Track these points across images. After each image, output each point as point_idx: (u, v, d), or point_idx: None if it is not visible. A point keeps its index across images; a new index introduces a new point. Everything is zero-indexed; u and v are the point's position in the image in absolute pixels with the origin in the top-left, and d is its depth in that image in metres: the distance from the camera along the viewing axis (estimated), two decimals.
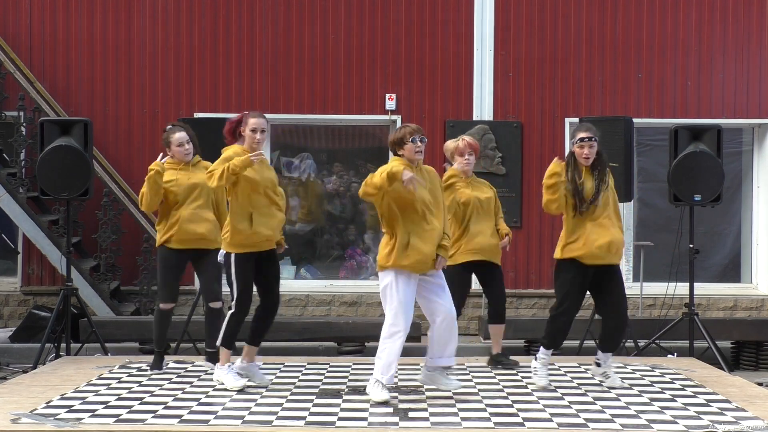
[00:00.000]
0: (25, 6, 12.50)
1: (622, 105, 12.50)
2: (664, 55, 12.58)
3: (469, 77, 12.52)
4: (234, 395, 7.26)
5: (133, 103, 12.53)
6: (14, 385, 7.77)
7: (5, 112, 12.05)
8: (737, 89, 12.65)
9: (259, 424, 6.33)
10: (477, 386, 7.69)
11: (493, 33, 12.53)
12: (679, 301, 10.99)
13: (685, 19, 12.62)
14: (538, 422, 6.41)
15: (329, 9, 12.53)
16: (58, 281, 11.93)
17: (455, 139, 8.71)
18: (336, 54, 12.52)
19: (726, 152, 10.29)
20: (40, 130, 9.74)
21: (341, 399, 7.13)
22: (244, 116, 7.60)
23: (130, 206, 12.06)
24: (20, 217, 11.74)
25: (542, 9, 12.54)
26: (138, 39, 12.52)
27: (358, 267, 13.01)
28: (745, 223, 13.02)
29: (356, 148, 13.28)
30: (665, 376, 8.20)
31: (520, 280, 12.45)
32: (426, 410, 6.73)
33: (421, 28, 12.53)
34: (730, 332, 11.19)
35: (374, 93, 12.54)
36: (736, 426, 6.27)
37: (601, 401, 7.08)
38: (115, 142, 12.50)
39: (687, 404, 6.99)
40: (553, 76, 12.54)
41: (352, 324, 11.20)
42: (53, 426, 6.19)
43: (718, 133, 9.99)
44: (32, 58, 12.44)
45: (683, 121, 11.66)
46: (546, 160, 12.45)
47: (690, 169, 9.84)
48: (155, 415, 6.56)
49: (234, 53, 12.52)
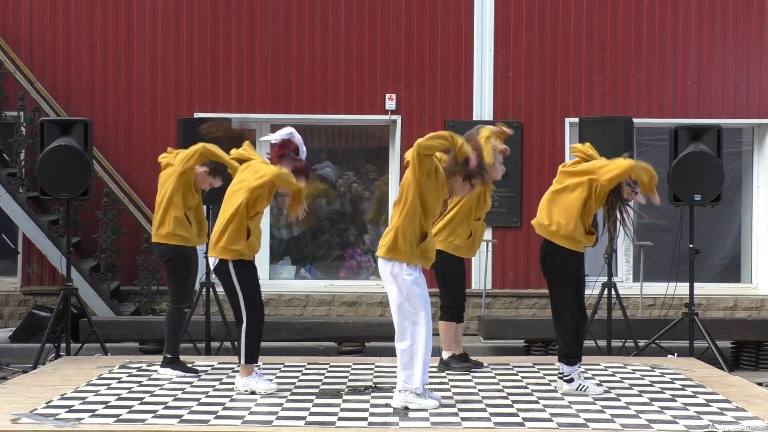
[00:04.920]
0: (25, 6, 12.50)
1: (622, 105, 12.50)
2: (664, 55, 12.58)
3: (469, 77, 12.52)
4: (234, 395, 7.26)
5: (133, 103, 12.53)
6: (14, 385, 7.77)
7: (5, 112, 12.05)
8: (737, 89, 12.65)
9: (259, 424, 6.33)
10: (477, 386, 7.69)
11: (493, 33, 12.53)
12: (679, 301, 10.99)
13: (685, 19, 12.62)
14: (538, 422, 6.41)
15: (329, 9, 12.53)
16: (58, 281, 11.92)
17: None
18: (336, 54, 12.52)
19: (726, 152, 10.29)
20: (40, 130, 9.74)
21: (341, 399, 7.13)
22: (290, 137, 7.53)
23: (130, 206, 12.07)
24: (20, 217, 11.74)
25: (542, 9, 12.54)
26: (138, 39, 12.53)
27: (358, 267, 13.01)
28: (745, 223, 13.02)
29: (356, 148, 13.28)
30: (665, 376, 8.20)
31: (520, 280, 12.45)
32: (426, 410, 6.72)
33: (421, 28, 12.54)
34: (730, 332, 11.18)
35: (374, 93, 12.54)
36: (736, 426, 6.27)
37: (601, 401, 7.08)
38: (115, 142, 12.50)
39: (687, 404, 6.99)
40: (553, 76, 12.54)
41: (352, 324, 11.20)
42: (53, 426, 6.19)
43: (718, 133, 9.99)
44: (32, 58, 12.44)
45: (683, 121, 11.66)
46: (546, 160, 12.53)
47: (690, 169, 9.84)
48: (155, 415, 6.56)
49: (234, 53, 12.52)
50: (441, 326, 8.32)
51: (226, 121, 8.48)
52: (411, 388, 6.69)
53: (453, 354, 8.33)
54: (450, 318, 8.28)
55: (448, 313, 8.27)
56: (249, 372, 7.38)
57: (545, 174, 12.43)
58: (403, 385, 6.71)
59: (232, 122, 8.82)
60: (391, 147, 12.70)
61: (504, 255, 12.44)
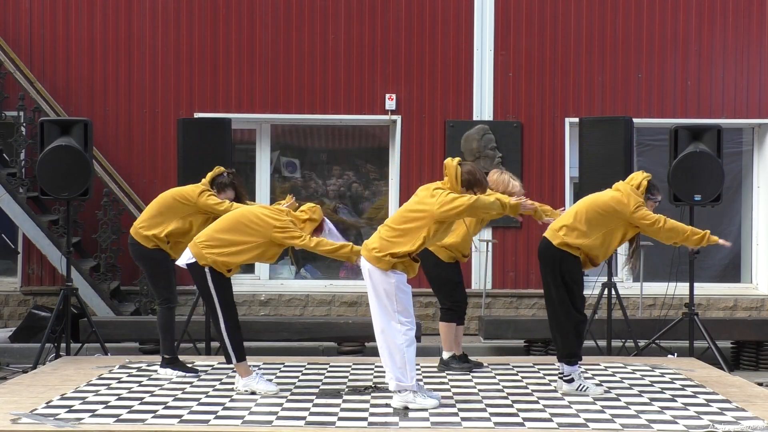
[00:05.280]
0: (25, 6, 12.50)
1: (622, 105, 12.50)
2: (664, 55, 12.58)
3: (469, 77, 12.52)
4: (234, 395, 7.26)
5: (133, 103, 12.53)
6: (14, 385, 7.77)
7: (5, 112, 12.05)
8: (737, 89, 12.65)
9: (259, 424, 6.33)
10: (477, 386, 7.69)
11: (493, 33, 12.53)
12: (679, 301, 10.98)
13: (685, 19, 12.62)
14: (538, 422, 6.41)
15: (329, 9, 12.53)
16: (58, 281, 11.92)
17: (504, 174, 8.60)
18: (336, 54, 12.52)
19: (726, 152, 10.28)
20: (40, 130, 9.74)
21: (341, 399, 7.13)
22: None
23: (130, 206, 12.06)
24: (20, 217, 11.74)
25: (542, 9, 12.54)
26: (138, 38, 12.52)
27: (359, 267, 12.98)
28: (745, 223, 13.01)
29: (356, 148, 13.28)
30: (665, 376, 8.20)
31: (520, 280, 12.45)
32: (426, 410, 6.72)
33: (421, 28, 12.54)
34: (730, 332, 11.18)
35: (374, 93, 12.54)
36: (736, 426, 6.27)
37: (601, 401, 7.08)
38: (115, 142, 12.50)
39: (687, 404, 6.99)
40: (553, 76, 12.54)
41: (352, 324, 11.19)
42: (53, 426, 6.19)
43: (718, 133, 9.99)
44: (32, 58, 12.44)
45: (683, 121, 11.66)
46: (546, 160, 12.53)
47: (690, 169, 9.84)
48: (155, 415, 6.56)
49: (234, 53, 12.52)
50: (441, 327, 8.35)
51: None
52: (405, 386, 6.75)
53: (453, 354, 8.35)
54: (449, 319, 8.30)
55: (447, 314, 8.30)
56: (247, 372, 7.37)
57: (545, 174, 12.44)
58: (397, 384, 6.76)
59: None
60: (391, 147, 12.70)
61: (504, 255, 12.43)
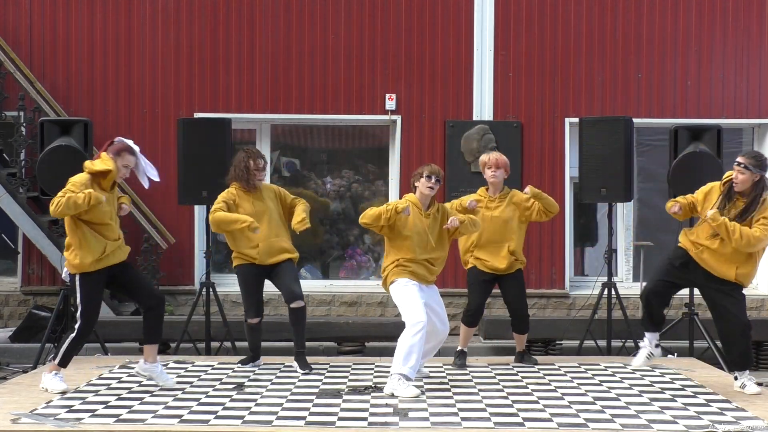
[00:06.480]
0: (25, 6, 12.50)
1: (622, 105, 12.50)
2: (664, 55, 12.58)
3: (469, 77, 12.52)
4: (234, 395, 7.26)
5: (133, 103, 12.54)
6: (14, 385, 7.77)
7: (5, 112, 12.05)
8: (737, 89, 12.65)
9: (259, 424, 6.34)
10: (477, 386, 7.69)
11: (493, 33, 12.53)
12: (679, 301, 10.97)
13: (685, 19, 12.62)
14: (538, 422, 6.41)
15: (329, 9, 12.53)
16: (58, 281, 11.92)
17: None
18: (336, 54, 12.52)
19: (726, 152, 10.29)
20: (40, 130, 9.74)
21: (341, 399, 7.13)
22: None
23: (130, 206, 12.04)
24: (20, 217, 11.74)
25: (542, 9, 12.54)
26: (138, 39, 12.52)
27: (358, 267, 13.01)
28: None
29: (356, 148, 13.28)
30: (665, 376, 8.20)
31: None
32: (426, 410, 6.73)
33: (421, 28, 12.54)
34: None
35: (374, 93, 12.54)
36: (736, 426, 6.28)
37: (601, 401, 7.08)
38: None
39: (687, 404, 7.00)
40: (553, 76, 12.54)
41: (352, 324, 11.20)
42: (53, 426, 6.19)
43: (718, 133, 9.99)
44: (32, 58, 12.44)
45: (683, 121, 11.66)
46: (546, 160, 12.52)
47: (690, 169, 9.84)
48: (155, 415, 6.56)
49: (234, 53, 12.52)
50: (461, 327, 8.92)
51: None
52: (397, 371, 7.28)
53: (462, 350, 8.82)
54: (464, 322, 8.85)
55: (464, 317, 8.86)
56: (53, 368, 7.49)
57: (545, 174, 12.43)
58: (392, 369, 7.38)
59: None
60: (391, 147, 12.70)
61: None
